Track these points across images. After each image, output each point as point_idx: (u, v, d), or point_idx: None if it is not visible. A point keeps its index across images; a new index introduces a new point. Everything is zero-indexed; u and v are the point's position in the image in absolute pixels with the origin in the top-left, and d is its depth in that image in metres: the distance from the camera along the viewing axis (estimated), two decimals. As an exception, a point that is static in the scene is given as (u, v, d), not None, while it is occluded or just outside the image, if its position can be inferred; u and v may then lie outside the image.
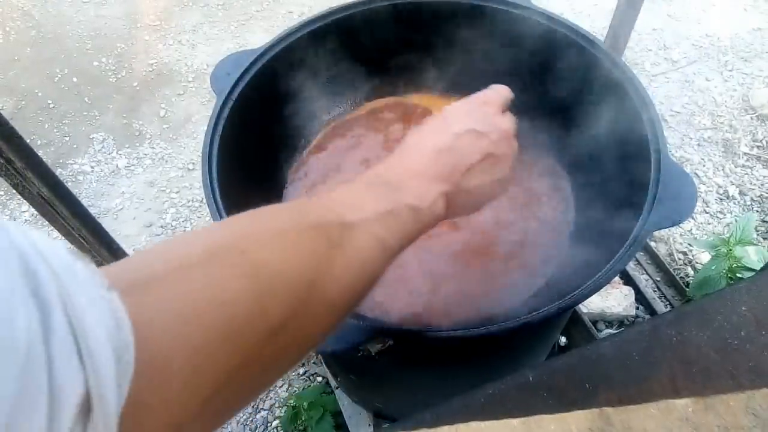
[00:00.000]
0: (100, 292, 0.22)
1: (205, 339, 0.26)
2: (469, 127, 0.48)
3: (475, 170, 0.47)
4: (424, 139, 0.48)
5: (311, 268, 0.33)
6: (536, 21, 0.81)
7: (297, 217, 0.36)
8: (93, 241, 0.67)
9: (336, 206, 0.39)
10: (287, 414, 1.20)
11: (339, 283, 0.35)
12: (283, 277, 0.31)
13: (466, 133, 0.47)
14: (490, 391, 0.52)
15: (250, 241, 0.31)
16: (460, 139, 0.47)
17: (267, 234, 0.33)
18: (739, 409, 0.48)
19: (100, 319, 0.21)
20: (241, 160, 0.75)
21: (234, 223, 0.35)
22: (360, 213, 0.38)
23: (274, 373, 0.33)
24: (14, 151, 0.54)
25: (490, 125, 0.49)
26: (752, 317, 0.55)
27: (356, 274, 0.36)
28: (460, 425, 0.48)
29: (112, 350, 0.21)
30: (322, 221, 0.36)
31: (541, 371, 0.53)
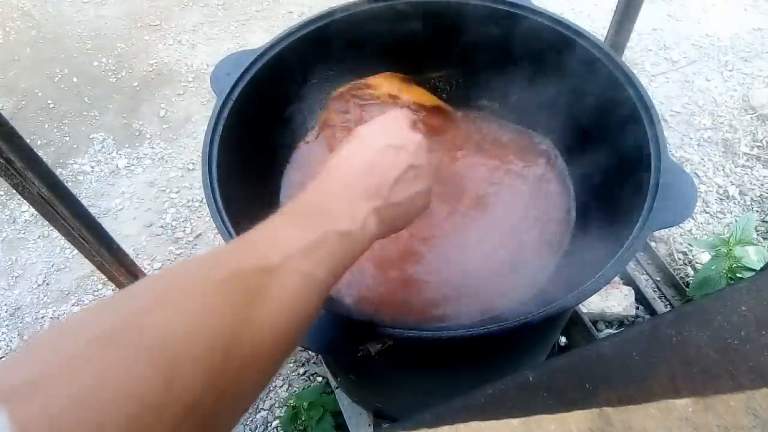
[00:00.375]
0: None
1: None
2: (387, 142, 0.49)
3: (400, 183, 0.48)
4: (346, 158, 0.48)
5: (225, 329, 0.30)
6: (536, 21, 0.81)
7: (207, 273, 0.33)
8: (93, 241, 0.67)
9: (257, 247, 0.37)
10: (287, 414, 1.20)
11: (264, 333, 0.32)
12: (190, 351, 0.28)
13: (385, 148, 0.48)
14: (490, 391, 0.51)
15: (148, 315, 0.28)
16: (382, 154, 0.48)
17: (169, 302, 0.30)
18: (739, 409, 0.48)
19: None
20: (241, 160, 0.75)
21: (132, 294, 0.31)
22: (283, 250, 0.36)
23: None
24: (14, 151, 0.54)
25: (405, 139, 0.50)
26: (752, 317, 0.55)
27: (285, 318, 0.34)
28: (460, 425, 0.48)
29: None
30: (239, 270, 0.33)
31: (541, 371, 0.53)
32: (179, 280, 0.32)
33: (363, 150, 0.48)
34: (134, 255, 1.54)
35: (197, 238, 1.60)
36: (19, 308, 1.49)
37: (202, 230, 1.61)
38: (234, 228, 0.61)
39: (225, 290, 0.32)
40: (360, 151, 0.48)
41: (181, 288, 0.31)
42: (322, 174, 0.47)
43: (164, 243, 1.59)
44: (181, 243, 1.59)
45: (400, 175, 0.48)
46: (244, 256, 0.36)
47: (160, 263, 1.55)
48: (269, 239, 0.38)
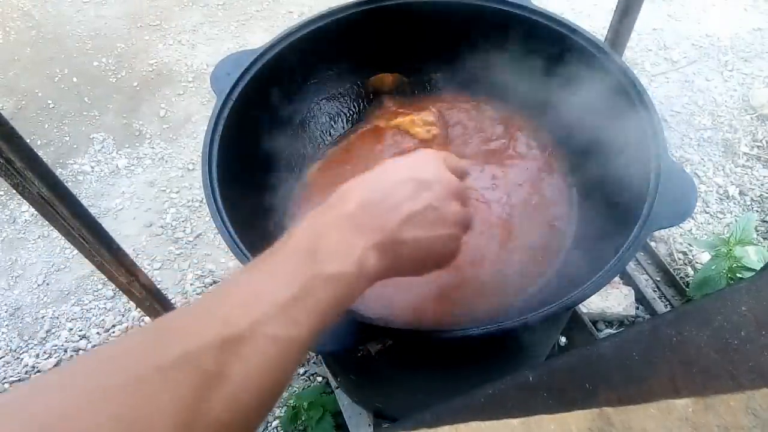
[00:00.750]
0: None
1: None
2: (411, 175, 0.44)
3: (413, 220, 0.42)
4: (356, 187, 0.42)
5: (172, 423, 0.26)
6: (536, 21, 0.81)
7: (151, 357, 0.28)
8: (93, 241, 0.67)
9: (216, 314, 0.31)
10: (287, 414, 1.20)
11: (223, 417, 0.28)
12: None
13: (408, 180, 0.43)
14: (490, 391, 0.52)
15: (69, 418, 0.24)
16: (400, 186, 0.43)
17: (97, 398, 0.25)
18: (739, 409, 0.48)
19: None
20: (241, 160, 0.75)
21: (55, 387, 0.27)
22: (255, 312, 0.31)
23: None
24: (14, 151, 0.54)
25: (436, 177, 0.45)
26: (752, 317, 0.55)
27: (251, 395, 0.30)
28: (460, 425, 0.48)
29: None
30: (190, 350, 0.28)
31: (541, 371, 0.53)
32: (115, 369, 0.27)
33: (379, 179, 0.43)
34: (134, 255, 1.54)
35: (197, 238, 1.60)
36: (19, 308, 1.48)
37: (202, 230, 1.61)
38: (234, 228, 0.61)
39: (170, 381, 0.27)
40: (375, 181, 0.43)
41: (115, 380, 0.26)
42: (326, 202, 0.42)
43: (164, 243, 1.59)
44: (181, 243, 1.59)
45: (415, 212, 0.42)
46: (204, 327, 0.30)
47: (160, 263, 1.55)
48: (245, 294, 0.33)
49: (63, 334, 1.43)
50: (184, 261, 1.55)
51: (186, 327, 0.31)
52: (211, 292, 0.34)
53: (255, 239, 0.66)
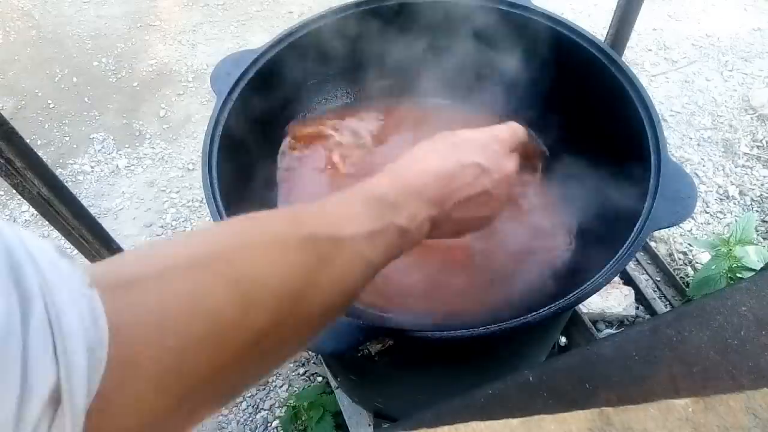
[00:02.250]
0: (81, 289, 0.23)
1: (180, 343, 0.26)
2: (476, 160, 0.48)
3: (468, 203, 0.48)
4: (429, 158, 0.48)
5: (298, 280, 0.33)
6: (536, 21, 0.81)
7: (289, 229, 0.36)
8: (93, 241, 0.67)
9: (330, 218, 0.39)
10: (287, 414, 1.20)
11: (323, 297, 0.35)
12: (268, 289, 0.31)
13: (471, 165, 0.48)
14: (490, 391, 0.52)
15: (237, 251, 0.31)
16: (465, 169, 0.47)
17: (256, 244, 0.33)
18: (739, 409, 0.48)
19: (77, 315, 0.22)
20: (241, 160, 0.75)
21: (225, 230, 0.35)
22: (351, 230, 0.38)
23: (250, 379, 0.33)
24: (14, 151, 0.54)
25: (496, 164, 0.49)
26: (752, 317, 0.55)
27: (340, 289, 0.37)
28: (460, 425, 0.48)
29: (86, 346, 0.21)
30: (314, 235, 0.36)
31: (541, 371, 0.53)
32: (266, 229, 0.35)
33: (448, 156, 0.48)
34: (134, 255, 1.53)
35: (197, 238, 1.60)
36: (19, 308, 1.48)
37: (202, 230, 1.61)
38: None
39: (302, 249, 0.34)
40: (445, 157, 0.48)
41: (267, 236, 0.34)
42: (405, 162, 0.47)
43: (164, 243, 1.59)
44: (181, 243, 1.59)
45: (471, 196, 0.48)
46: (321, 222, 0.38)
47: (160, 263, 1.55)
48: (340, 215, 0.40)
49: (63, 334, 1.43)
50: (184, 261, 1.55)
51: (311, 219, 0.38)
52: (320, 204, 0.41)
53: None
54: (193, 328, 0.26)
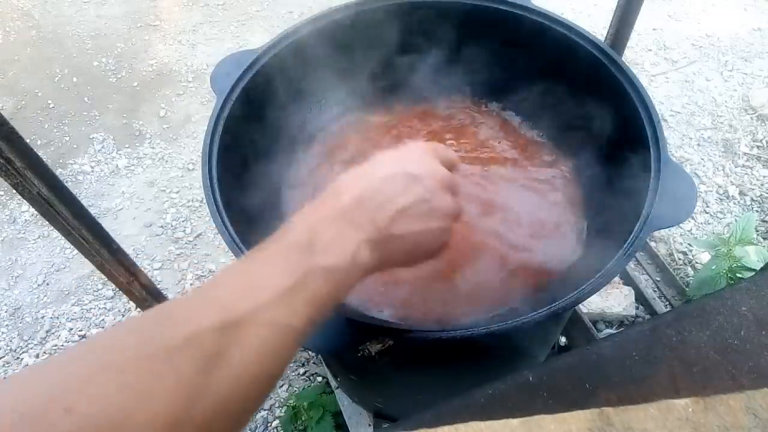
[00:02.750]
0: None
1: None
2: (402, 169, 0.44)
3: (406, 214, 0.43)
4: (346, 183, 0.43)
5: (174, 401, 0.27)
6: (536, 21, 0.81)
7: (156, 338, 0.29)
8: (93, 241, 0.67)
9: (222, 296, 0.33)
10: (287, 414, 1.20)
11: (222, 400, 0.29)
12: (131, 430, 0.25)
13: (397, 175, 0.44)
14: (490, 391, 0.52)
15: (78, 392, 0.25)
16: (390, 180, 0.43)
17: (105, 375, 0.26)
18: (739, 409, 0.48)
19: None
20: (241, 160, 0.75)
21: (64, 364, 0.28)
22: (253, 300, 0.32)
23: None
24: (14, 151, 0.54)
25: (426, 170, 0.46)
26: (752, 317, 0.55)
27: (248, 378, 0.31)
28: (460, 425, 0.48)
29: None
30: (192, 333, 0.30)
31: (541, 371, 0.53)
32: (123, 347, 0.29)
33: (369, 174, 0.44)
34: (134, 255, 1.54)
35: (197, 238, 1.60)
36: (19, 308, 1.49)
37: (202, 230, 1.61)
38: (234, 228, 0.61)
39: (174, 361, 0.28)
40: (366, 175, 0.44)
41: (123, 358, 0.28)
42: (321, 196, 0.42)
43: (164, 243, 1.59)
44: (181, 243, 1.59)
45: (406, 206, 0.43)
46: (204, 312, 0.32)
47: (160, 263, 1.55)
48: (244, 282, 0.34)
49: (63, 334, 1.43)
50: (184, 261, 1.55)
51: (187, 312, 0.32)
52: (210, 281, 0.35)
53: (255, 239, 0.66)
54: None
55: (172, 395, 0.27)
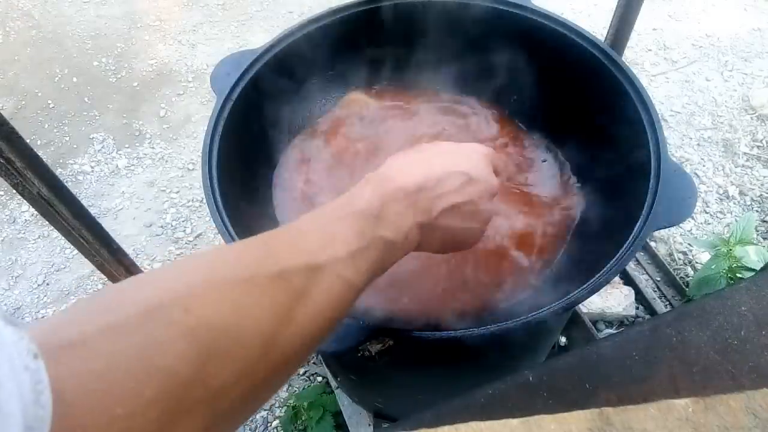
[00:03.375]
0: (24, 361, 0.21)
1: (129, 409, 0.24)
2: (463, 168, 0.47)
3: (454, 211, 0.46)
4: (414, 165, 0.47)
5: (268, 324, 0.31)
6: (536, 21, 0.81)
7: (258, 263, 0.33)
8: (93, 241, 0.67)
9: (306, 243, 0.37)
10: (287, 414, 1.20)
11: (299, 334, 0.33)
12: (233, 338, 0.29)
13: (459, 173, 0.47)
14: (490, 391, 0.52)
15: (197, 295, 0.29)
16: (451, 176, 0.46)
17: (220, 285, 0.30)
18: (739, 409, 0.48)
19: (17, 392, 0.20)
20: (241, 160, 0.75)
21: (183, 270, 0.32)
22: (330, 252, 0.36)
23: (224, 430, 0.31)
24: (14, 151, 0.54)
25: (482, 175, 0.49)
26: (752, 317, 0.55)
27: (320, 321, 0.34)
28: (460, 425, 0.48)
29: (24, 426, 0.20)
30: (286, 267, 0.33)
31: (541, 371, 0.53)
32: (233, 267, 0.32)
33: (434, 163, 0.47)
34: (134, 255, 1.54)
35: (197, 238, 1.60)
36: (19, 308, 1.49)
37: (202, 230, 1.61)
38: (234, 228, 0.61)
39: (272, 287, 0.32)
40: (433, 163, 0.47)
41: (233, 275, 0.31)
42: (389, 169, 0.46)
43: (164, 243, 1.59)
44: (181, 243, 1.59)
45: (458, 204, 0.46)
46: (294, 252, 0.35)
47: (160, 263, 1.55)
48: (317, 236, 0.38)
49: (63, 334, 1.43)
50: (184, 261, 1.55)
51: (281, 249, 0.36)
52: (294, 227, 0.39)
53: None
54: (144, 391, 0.24)
55: (268, 317, 0.31)
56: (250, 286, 0.31)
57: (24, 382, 0.21)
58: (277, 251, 0.35)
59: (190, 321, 0.27)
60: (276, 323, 0.31)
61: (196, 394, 0.27)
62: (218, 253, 0.34)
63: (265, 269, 0.33)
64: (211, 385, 0.27)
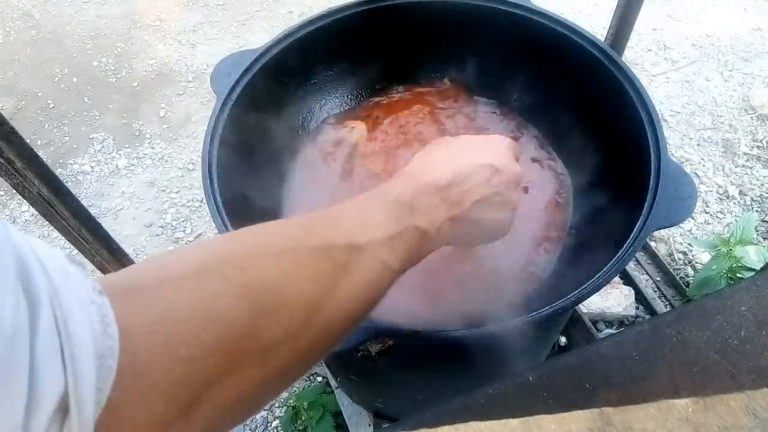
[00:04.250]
0: (91, 296, 0.22)
1: (190, 352, 0.25)
2: (488, 161, 0.49)
3: (484, 203, 0.48)
4: (442, 160, 0.48)
5: (313, 292, 0.32)
6: (536, 21, 0.81)
7: (303, 237, 0.35)
8: (93, 241, 0.67)
9: (345, 224, 0.38)
10: (287, 414, 1.20)
11: (341, 308, 0.34)
12: (281, 299, 0.30)
13: (484, 166, 0.48)
14: (490, 391, 0.52)
15: (250, 258, 0.31)
16: (479, 168, 0.48)
17: (270, 252, 0.32)
18: (739, 409, 0.48)
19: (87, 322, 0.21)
20: (241, 160, 0.75)
21: (237, 238, 0.34)
22: (369, 235, 0.38)
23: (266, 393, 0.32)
24: (14, 151, 0.54)
25: (506, 165, 0.50)
26: (752, 317, 0.55)
27: (359, 298, 0.36)
28: (460, 425, 0.48)
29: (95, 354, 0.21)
30: (329, 242, 0.35)
31: (541, 371, 0.53)
32: (281, 238, 0.34)
33: (464, 157, 0.49)
34: (134, 255, 1.54)
35: (197, 238, 1.60)
36: (19, 308, 1.48)
37: (202, 230, 1.61)
38: (234, 228, 0.61)
39: (317, 258, 0.33)
40: (461, 157, 0.49)
41: (280, 246, 0.33)
42: (420, 163, 0.48)
43: (164, 243, 1.59)
44: (181, 243, 1.59)
45: (487, 196, 0.48)
46: (336, 230, 0.37)
47: (160, 263, 1.55)
48: (357, 220, 0.39)
49: (63, 334, 1.43)
50: (184, 261, 1.55)
51: (324, 227, 0.37)
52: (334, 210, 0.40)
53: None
54: (203, 337, 0.26)
55: (312, 286, 0.32)
56: (296, 256, 0.33)
57: (92, 314, 0.22)
58: (319, 230, 0.36)
59: (243, 279, 0.29)
60: (319, 293, 0.32)
61: (250, 346, 0.28)
62: (265, 226, 0.36)
63: (309, 243, 0.34)
64: (263, 339, 0.29)
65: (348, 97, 0.95)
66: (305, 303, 0.31)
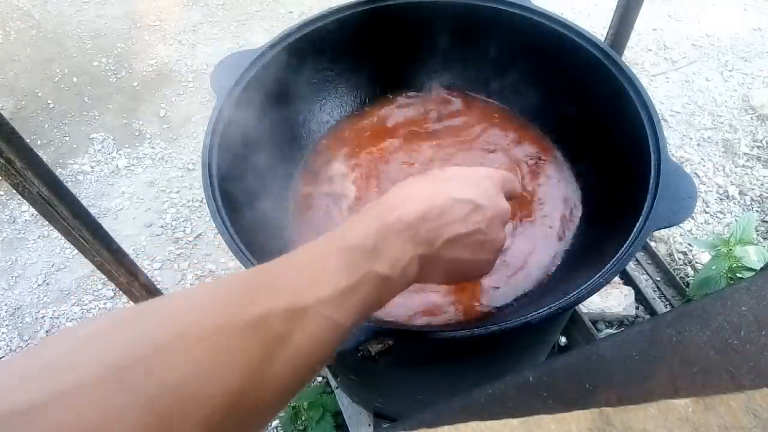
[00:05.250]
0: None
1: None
2: (469, 196, 0.45)
3: (459, 242, 0.44)
4: (417, 193, 0.44)
5: (238, 380, 0.29)
6: (536, 21, 0.81)
7: (235, 309, 0.31)
8: (93, 241, 0.67)
9: (290, 282, 0.34)
10: (287, 414, 1.20)
11: (277, 382, 0.31)
12: (198, 400, 0.27)
13: (465, 201, 0.45)
14: (490, 391, 0.51)
15: (161, 355, 0.27)
16: (456, 204, 0.44)
17: (189, 337, 0.28)
18: (739, 409, 0.48)
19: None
20: (241, 159, 0.75)
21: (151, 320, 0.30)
22: (316, 292, 0.34)
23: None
24: (14, 151, 0.54)
25: (489, 201, 0.47)
26: (752, 317, 0.55)
27: (301, 365, 0.33)
28: (460, 425, 0.48)
29: None
30: (267, 310, 0.31)
31: (541, 371, 0.53)
32: (208, 313, 0.30)
33: (439, 192, 0.44)
34: (134, 255, 1.54)
35: (197, 238, 1.60)
36: (19, 308, 1.49)
37: (202, 230, 1.61)
38: (234, 228, 0.61)
39: (247, 337, 0.30)
40: (435, 191, 0.44)
41: (204, 325, 0.29)
42: (393, 197, 0.44)
43: (164, 243, 1.59)
44: (181, 243, 1.59)
45: (463, 234, 0.44)
46: (276, 293, 0.33)
47: (160, 263, 1.55)
48: (309, 272, 0.36)
49: (63, 334, 1.43)
50: (184, 261, 1.55)
51: (261, 289, 0.34)
52: (284, 261, 0.37)
53: (255, 239, 0.66)
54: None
55: (239, 371, 0.29)
56: (219, 339, 0.29)
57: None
58: (259, 292, 0.33)
59: (150, 386, 0.26)
60: (245, 378, 0.29)
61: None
62: (197, 295, 0.33)
63: (242, 315, 0.31)
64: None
65: (348, 97, 0.95)
66: (229, 393, 0.28)
